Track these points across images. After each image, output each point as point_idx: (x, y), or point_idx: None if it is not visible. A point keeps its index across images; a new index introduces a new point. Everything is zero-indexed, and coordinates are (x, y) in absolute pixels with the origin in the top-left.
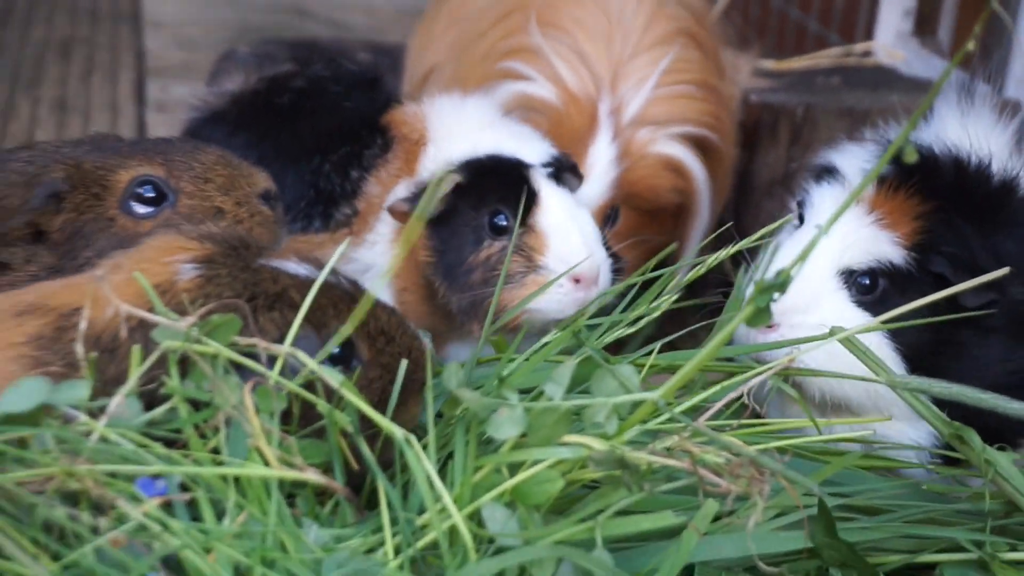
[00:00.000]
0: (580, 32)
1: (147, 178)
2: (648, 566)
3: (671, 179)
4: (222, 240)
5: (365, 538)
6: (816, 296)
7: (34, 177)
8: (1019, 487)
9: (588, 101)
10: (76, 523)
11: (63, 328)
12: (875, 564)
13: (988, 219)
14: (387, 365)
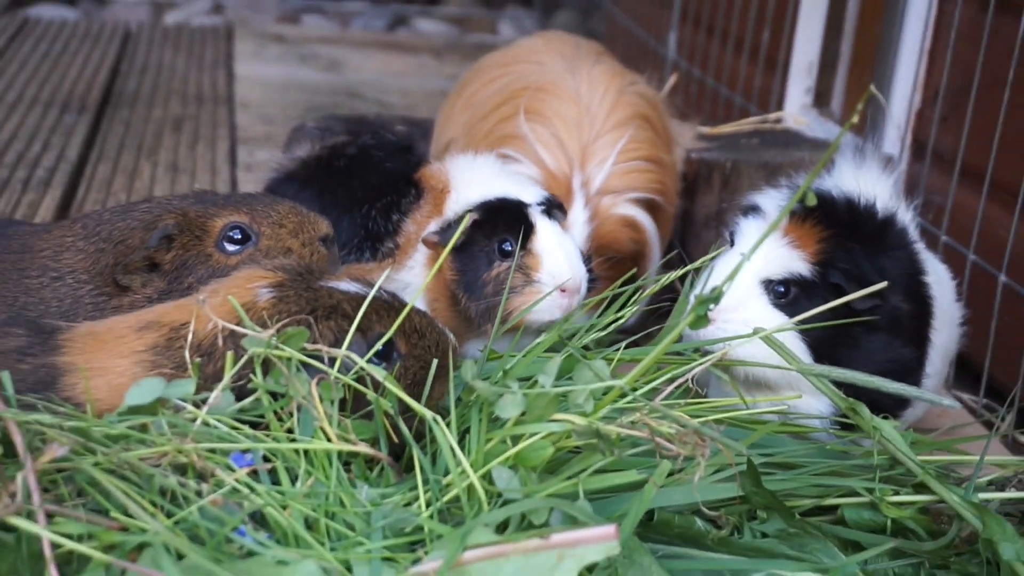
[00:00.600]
0: (557, 120)
1: (235, 224)
2: (619, 510)
3: (629, 233)
4: (290, 269)
5: (404, 495)
6: (743, 299)
7: (152, 223)
8: (899, 447)
9: (564, 177)
10: (184, 488)
11: (173, 339)
12: (792, 507)
13: (873, 244)
14: (420, 356)
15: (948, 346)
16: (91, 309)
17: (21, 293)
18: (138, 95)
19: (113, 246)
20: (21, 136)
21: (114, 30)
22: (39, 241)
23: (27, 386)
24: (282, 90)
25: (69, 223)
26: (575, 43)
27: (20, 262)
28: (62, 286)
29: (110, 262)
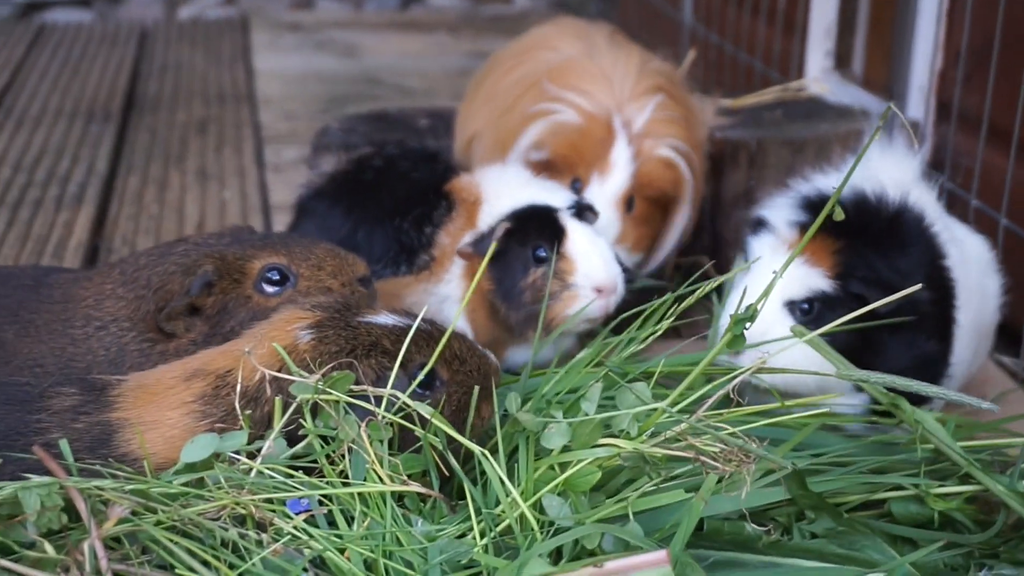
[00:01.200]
0: (585, 84)
1: (274, 265)
2: (669, 522)
3: (669, 175)
4: (328, 307)
5: (457, 526)
6: (771, 325)
7: (191, 267)
8: (942, 439)
9: (604, 116)
10: (244, 539)
11: (220, 386)
12: (839, 504)
13: (887, 242)
14: (462, 382)
15: (981, 322)
16: (137, 356)
17: (68, 344)
18: (160, 98)
19: (153, 292)
20: (50, 151)
21: (130, 30)
22: (81, 290)
23: (83, 445)
24: (301, 82)
25: (108, 269)
26: (587, 27)
27: (64, 312)
28: (107, 335)
29: (151, 308)
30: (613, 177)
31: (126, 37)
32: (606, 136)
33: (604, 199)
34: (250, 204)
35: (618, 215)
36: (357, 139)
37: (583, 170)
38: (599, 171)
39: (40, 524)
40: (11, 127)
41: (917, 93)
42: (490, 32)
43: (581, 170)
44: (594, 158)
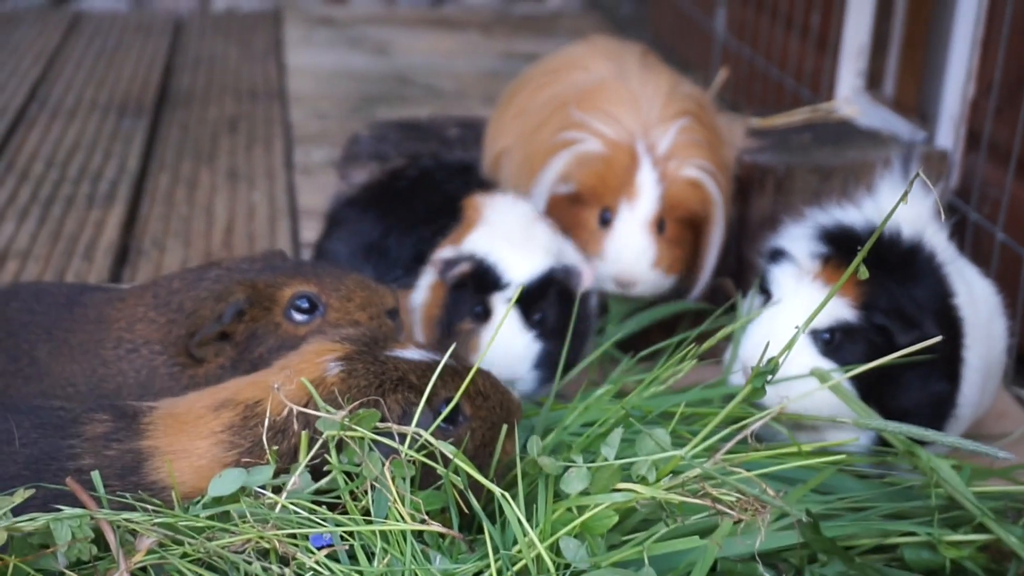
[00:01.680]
0: (612, 107)
1: (304, 293)
2: (683, 562)
3: (697, 195)
4: (357, 340)
5: (475, 563)
6: (794, 356)
7: (222, 294)
8: (956, 486)
9: (627, 143)
10: (268, 573)
11: (248, 416)
12: (850, 548)
13: (903, 274)
14: (485, 418)
15: (989, 362)
16: (167, 379)
17: (99, 365)
18: (192, 93)
19: (185, 317)
20: (83, 146)
21: (165, 20)
22: (113, 311)
23: (114, 472)
24: (333, 80)
25: (140, 291)
26: (620, 47)
27: (97, 332)
28: (138, 358)
29: (182, 333)
30: (641, 201)
31: (161, 28)
32: (630, 162)
33: (635, 224)
34: (278, 208)
35: (651, 239)
36: (388, 147)
37: (611, 198)
38: (627, 197)
39: (70, 555)
40: (45, 119)
41: (947, 121)
42: (523, 31)
43: (609, 199)
44: (620, 185)
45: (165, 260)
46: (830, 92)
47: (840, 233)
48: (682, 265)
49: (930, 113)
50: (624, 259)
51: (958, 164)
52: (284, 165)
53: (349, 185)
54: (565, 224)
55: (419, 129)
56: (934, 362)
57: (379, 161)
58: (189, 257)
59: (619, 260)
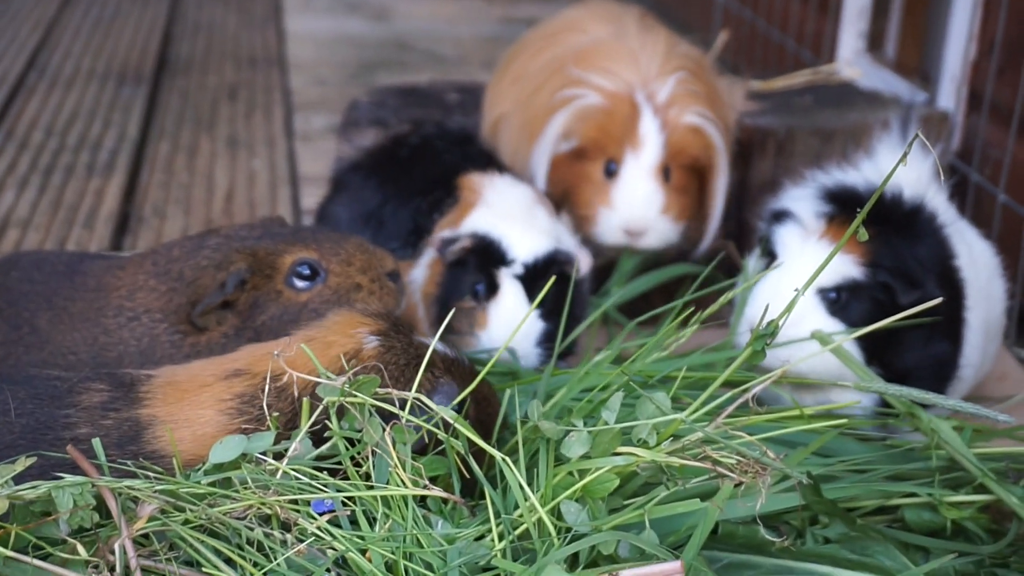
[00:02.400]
0: (611, 63)
1: (304, 260)
2: (684, 524)
3: (699, 141)
4: (388, 317)
5: (476, 528)
6: (804, 313)
7: (223, 263)
8: (957, 448)
9: (627, 94)
10: (269, 539)
11: (260, 387)
12: (852, 509)
13: (906, 234)
14: (483, 421)
15: (989, 324)
16: (168, 347)
17: (100, 333)
18: (192, 61)
19: (186, 286)
20: (82, 114)
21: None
22: (113, 279)
23: (112, 441)
24: (333, 46)
25: (140, 259)
26: (619, 9)
27: (97, 301)
28: (139, 326)
29: (183, 301)
30: (645, 150)
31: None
32: (631, 112)
33: (641, 172)
34: (279, 175)
35: (658, 186)
36: (387, 113)
37: (614, 149)
38: (631, 147)
39: (72, 522)
40: (44, 88)
41: (949, 82)
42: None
43: (613, 150)
44: (623, 136)
45: (166, 228)
46: (831, 54)
47: (843, 193)
48: (690, 212)
49: (932, 74)
50: (633, 207)
51: (960, 125)
52: (284, 132)
53: (353, 148)
54: (570, 181)
55: (419, 95)
56: (936, 323)
57: (379, 127)
58: (190, 225)
59: (629, 208)
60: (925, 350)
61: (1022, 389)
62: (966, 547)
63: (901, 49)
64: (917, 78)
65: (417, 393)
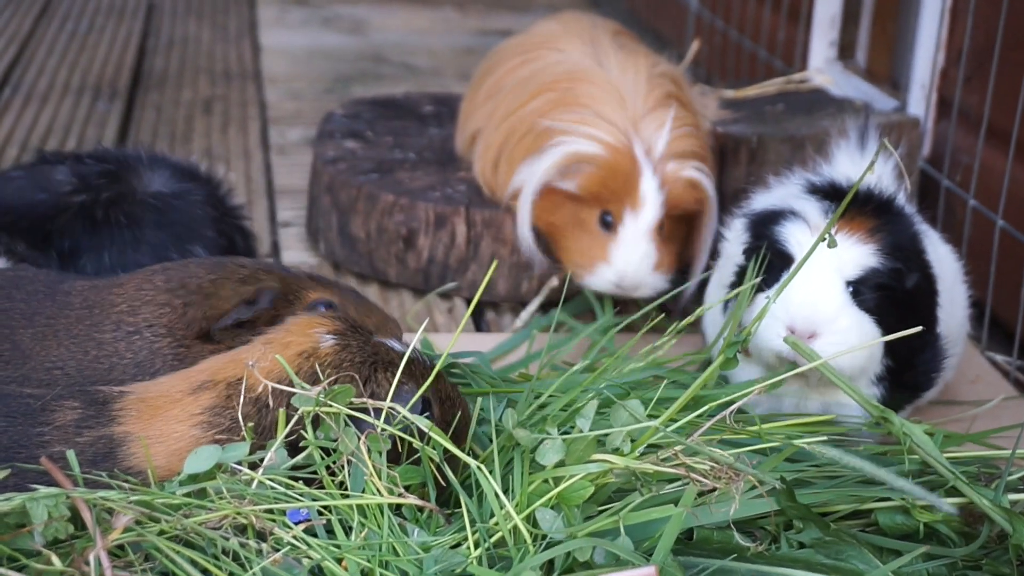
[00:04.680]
0: (598, 104)
1: (327, 301)
2: (659, 531)
3: (694, 194)
4: (346, 320)
5: (452, 536)
6: (841, 307)
7: (246, 279)
8: (930, 452)
9: (625, 147)
10: (245, 549)
11: (229, 395)
12: (826, 514)
13: (896, 222)
14: (449, 422)
15: (951, 328)
16: (171, 360)
17: (93, 347)
18: (166, 75)
19: (204, 299)
20: (57, 129)
21: (137, 3)
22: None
23: (87, 458)
24: (308, 60)
25: (146, 274)
26: (591, 25)
27: (89, 318)
28: (139, 339)
29: (199, 316)
30: (645, 210)
31: (133, 10)
32: (631, 168)
33: (640, 233)
34: (254, 187)
35: (655, 245)
36: (362, 126)
37: (614, 205)
38: (630, 206)
39: (47, 534)
40: (19, 103)
41: (918, 90)
42: (497, 8)
43: (612, 205)
44: (623, 192)
45: None
46: (803, 63)
47: (836, 189)
48: (676, 259)
49: (902, 82)
50: (630, 266)
51: (929, 132)
52: (260, 145)
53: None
54: (560, 221)
55: (394, 106)
56: (920, 316)
57: (354, 139)
58: None
59: (625, 267)
60: (925, 340)
61: (995, 392)
62: (939, 550)
63: (872, 57)
64: (888, 86)
65: (375, 394)
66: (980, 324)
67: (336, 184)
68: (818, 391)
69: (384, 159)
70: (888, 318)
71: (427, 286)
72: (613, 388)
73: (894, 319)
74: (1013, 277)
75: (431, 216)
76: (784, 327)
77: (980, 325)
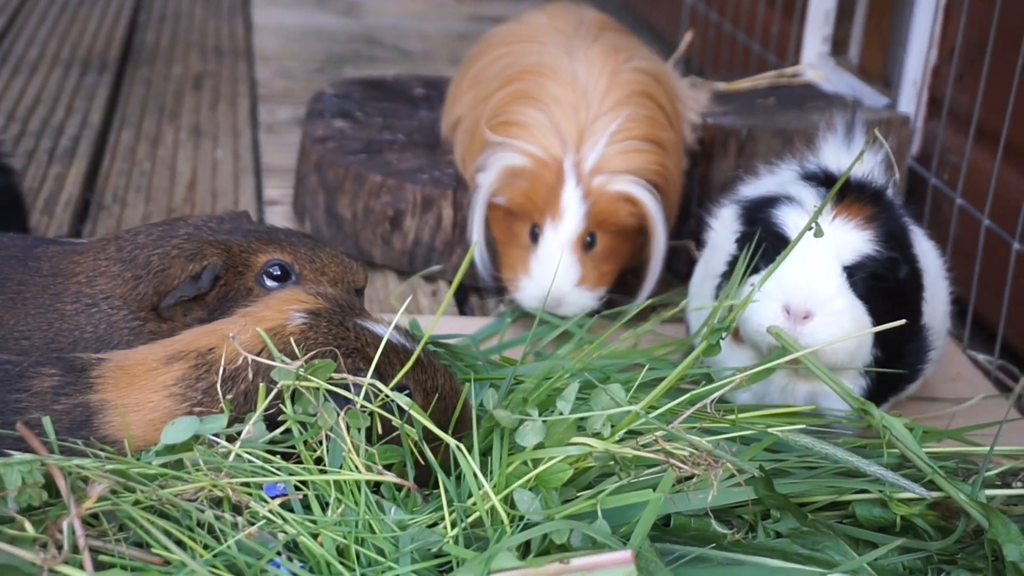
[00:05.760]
0: (554, 104)
1: (277, 261)
2: (636, 516)
3: (627, 208)
4: (332, 299)
5: (429, 515)
6: (838, 290)
7: (194, 255)
8: (908, 445)
9: (554, 162)
10: (220, 522)
11: (199, 365)
12: (804, 504)
13: (889, 213)
14: (433, 414)
15: (934, 321)
16: (127, 334)
17: (56, 319)
18: (157, 50)
19: (152, 275)
20: (45, 100)
21: None
22: (72, 264)
23: (63, 426)
24: (300, 39)
25: (102, 244)
26: (578, 19)
27: (53, 287)
28: (97, 312)
29: (149, 291)
30: (565, 222)
31: None
32: (556, 180)
33: (558, 244)
34: (242, 165)
35: (575, 259)
36: (352, 106)
37: (539, 216)
38: (551, 216)
39: (20, 500)
40: (7, 73)
41: (910, 87)
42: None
43: (537, 216)
44: (546, 204)
45: (126, 215)
46: (796, 57)
47: (831, 177)
48: (613, 276)
49: (893, 79)
50: (548, 279)
51: (919, 130)
52: (249, 123)
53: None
54: (500, 233)
55: (384, 87)
56: (908, 307)
57: (343, 119)
58: (151, 213)
59: (544, 280)
60: (912, 331)
61: (975, 390)
62: (915, 543)
63: (865, 54)
64: (879, 83)
65: (326, 364)
66: (962, 323)
67: (324, 163)
68: (805, 380)
69: (373, 140)
70: (878, 306)
71: (412, 268)
72: (595, 373)
73: (884, 308)
74: (997, 277)
75: (418, 198)
76: (780, 306)
77: (962, 324)
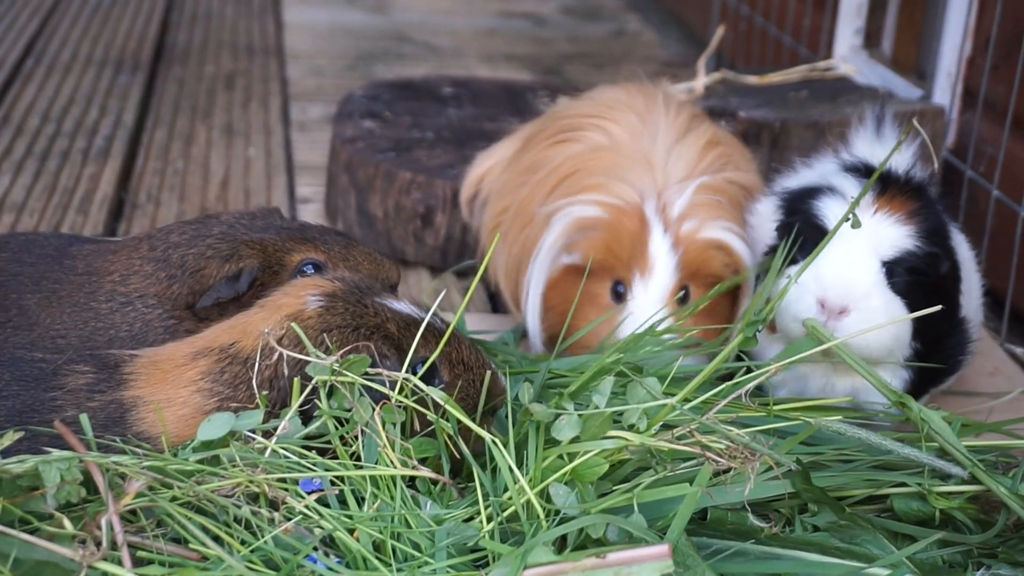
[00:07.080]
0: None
1: (312, 260)
2: (673, 510)
3: (721, 257)
4: (349, 281)
5: (465, 510)
6: (875, 285)
7: (229, 256)
8: (947, 438)
9: (633, 207)
10: (257, 517)
11: (221, 359)
12: (842, 498)
13: (931, 208)
14: (462, 388)
15: (969, 313)
16: (162, 333)
17: (92, 318)
18: (189, 49)
19: (188, 275)
20: (79, 100)
21: None
22: (106, 263)
23: (98, 423)
24: (330, 37)
25: (135, 242)
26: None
27: (88, 285)
28: (132, 311)
29: (183, 291)
30: (656, 275)
31: None
32: (638, 229)
33: (650, 301)
34: (274, 163)
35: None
36: (380, 107)
37: (623, 271)
38: (640, 270)
39: (59, 497)
40: (41, 74)
41: (944, 79)
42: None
43: (620, 271)
44: (631, 257)
45: (160, 214)
46: (828, 50)
47: (871, 170)
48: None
49: (927, 71)
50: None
51: (954, 121)
52: (280, 121)
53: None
54: (570, 298)
55: (413, 88)
56: (947, 303)
57: (372, 119)
58: (184, 211)
59: None
60: (951, 324)
61: (1014, 384)
62: (955, 536)
63: (898, 46)
64: (913, 75)
65: (361, 359)
66: (999, 316)
67: (354, 163)
68: (845, 375)
69: (402, 138)
70: (917, 303)
71: (445, 264)
72: (630, 366)
73: (923, 305)
74: None
75: (448, 194)
76: (815, 299)
77: (999, 317)
